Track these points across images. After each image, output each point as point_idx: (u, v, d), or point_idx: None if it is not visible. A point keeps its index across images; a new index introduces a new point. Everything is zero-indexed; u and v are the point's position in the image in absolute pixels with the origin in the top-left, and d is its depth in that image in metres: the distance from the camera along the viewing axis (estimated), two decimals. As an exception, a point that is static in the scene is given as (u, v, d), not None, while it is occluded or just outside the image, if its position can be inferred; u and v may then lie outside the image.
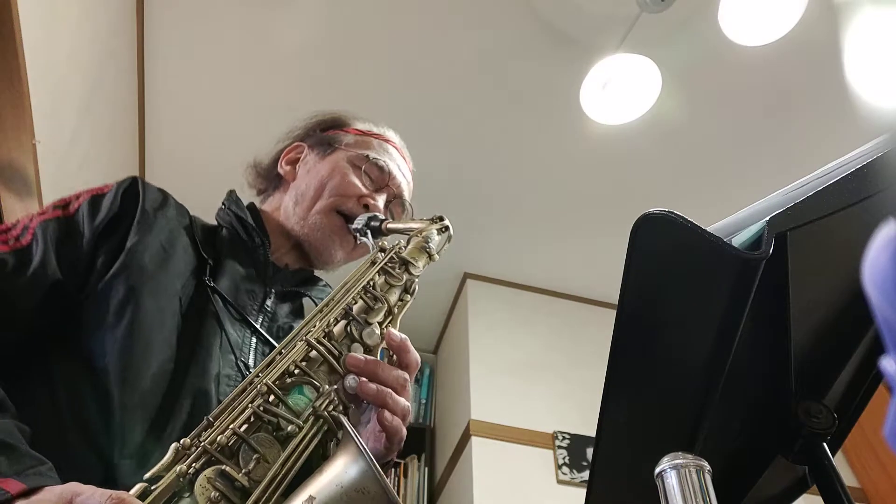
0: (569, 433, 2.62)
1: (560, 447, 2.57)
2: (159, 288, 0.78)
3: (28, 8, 1.50)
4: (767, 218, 0.42)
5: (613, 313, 0.49)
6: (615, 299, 0.49)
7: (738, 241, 0.43)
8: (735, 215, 0.47)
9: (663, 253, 0.47)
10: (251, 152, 1.17)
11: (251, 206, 1.03)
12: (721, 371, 0.46)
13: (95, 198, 0.84)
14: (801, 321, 0.50)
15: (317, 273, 1.05)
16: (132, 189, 0.86)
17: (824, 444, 0.51)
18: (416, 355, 0.75)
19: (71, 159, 2.00)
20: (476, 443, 2.54)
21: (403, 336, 0.74)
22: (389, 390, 0.70)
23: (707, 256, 0.43)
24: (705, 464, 0.41)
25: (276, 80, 2.41)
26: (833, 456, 0.52)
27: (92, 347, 0.72)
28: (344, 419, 0.59)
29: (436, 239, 0.90)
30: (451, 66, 2.37)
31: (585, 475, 2.50)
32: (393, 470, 2.92)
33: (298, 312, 0.99)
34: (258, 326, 0.87)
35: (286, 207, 1.03)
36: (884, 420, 0.23)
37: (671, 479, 0.41)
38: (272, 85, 2.42)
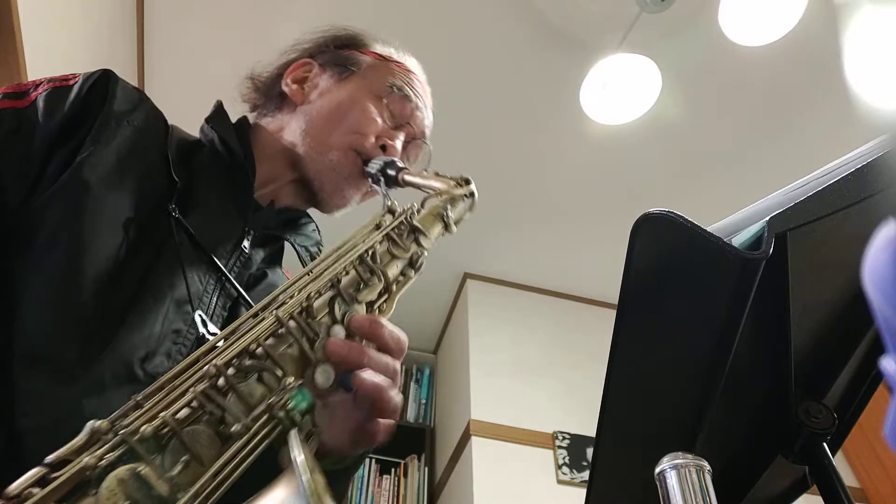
0: (569, 433, 2.62)
1: (560, 447, 2.57)
2: (104, 214, 0.64)
3: (28, 8, 1.50)
4: (767, 218, 0.42)
5: (613, 313, 0.49)
6: (615, 299, 0.49)
7: (738, 241, 0.43)
8: (735, 215, 0.47)
9: (663, 253, 0.47)
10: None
11: (241, 124, 0.89)
12: (721, 371, 0.46)
13: (56, 90, 0.69)
14: (801, 321, 0.50)
15: (310, 212, 0.91)
16: (100, 85, 0.71)
17: (824, 444, 0.51)
18: (395, 336, 0.60)
19: (71, 159, 2.00)
20: (476, 443, 2.54)
21: (370, 317, 0.60)
22: (385, 381, 0.57)
23: (707, 256, 0.43)
24: (705, 464, 0.41)
25: (276, 80, 2.41)
26: (833, 456, 0.52)
27: (22, 275, 0.59)
28: (292, 436, 0.45)
29: (457, 206, 0.74)
30: (451, 67, 2.37)
31: (585, 475, 2.50)
32: (392, 470, 2.92)
33: (275, 259, 0.86)
34: (227, 270, 0.74)
35: (293, 133, 0.88)
36: (884, 420, 0.23)
37: (671, 479, 0.41)
38: (272, 85, 2.42)
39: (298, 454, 0.43)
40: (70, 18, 1.86)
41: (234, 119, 0.90)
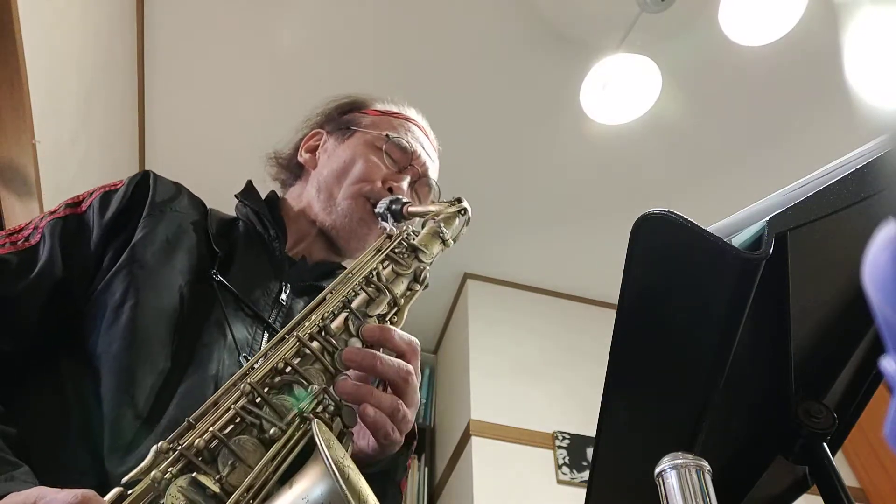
0: (569, 433, 2.62)
1: (560, 447, 2.57)
2: (160, 283, 0.76)
3: (28, 8, 1.50)
4: (767, 218, 0.42)
5: (613, 313, 0.49)
6: (615, 299, 0.49)
7: (738, 241, 0.43)
8: (735, 215, 0.47)
9: (663, 253, 0.47)
10: (250, 152, 1.16)
11: (270, 197, 1.02)
12: (721, 371, 0.46)
13: (107, 194, 0.83)
14: (801, 321, 0.50)
15: (344, 264, 1.01)
16: (143, 183, 0.85)
17: (824, 444, 0.51)
18: (405, 339, 0.69)
19: (71, 159, 2.00)
20: (476, 443, 2.54)
21: (381, 326, 0.68)
22: (370, 388, 0.65)
23: (707, 256, 0.43)
24: (705, 464, 0.41)
25: (275, 80, 2.41)
26: (833, 456, 0.52)
27: (93, 346, 0.71)
28: (314, 426, 0.54)
29: (452, 223, 0.84)
30: (452, 67, 2.37)
31: (585, 475, 2.50)
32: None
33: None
34: (271, 321, 0.84)
35: (309, 196, 1.00)
36: (884, 420, 0.23)
37: (671, 479, 0.41)
38: (272, 84, 2.42)
39: (318, 436, 0.50)
40: (70, 18, 1.86)
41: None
